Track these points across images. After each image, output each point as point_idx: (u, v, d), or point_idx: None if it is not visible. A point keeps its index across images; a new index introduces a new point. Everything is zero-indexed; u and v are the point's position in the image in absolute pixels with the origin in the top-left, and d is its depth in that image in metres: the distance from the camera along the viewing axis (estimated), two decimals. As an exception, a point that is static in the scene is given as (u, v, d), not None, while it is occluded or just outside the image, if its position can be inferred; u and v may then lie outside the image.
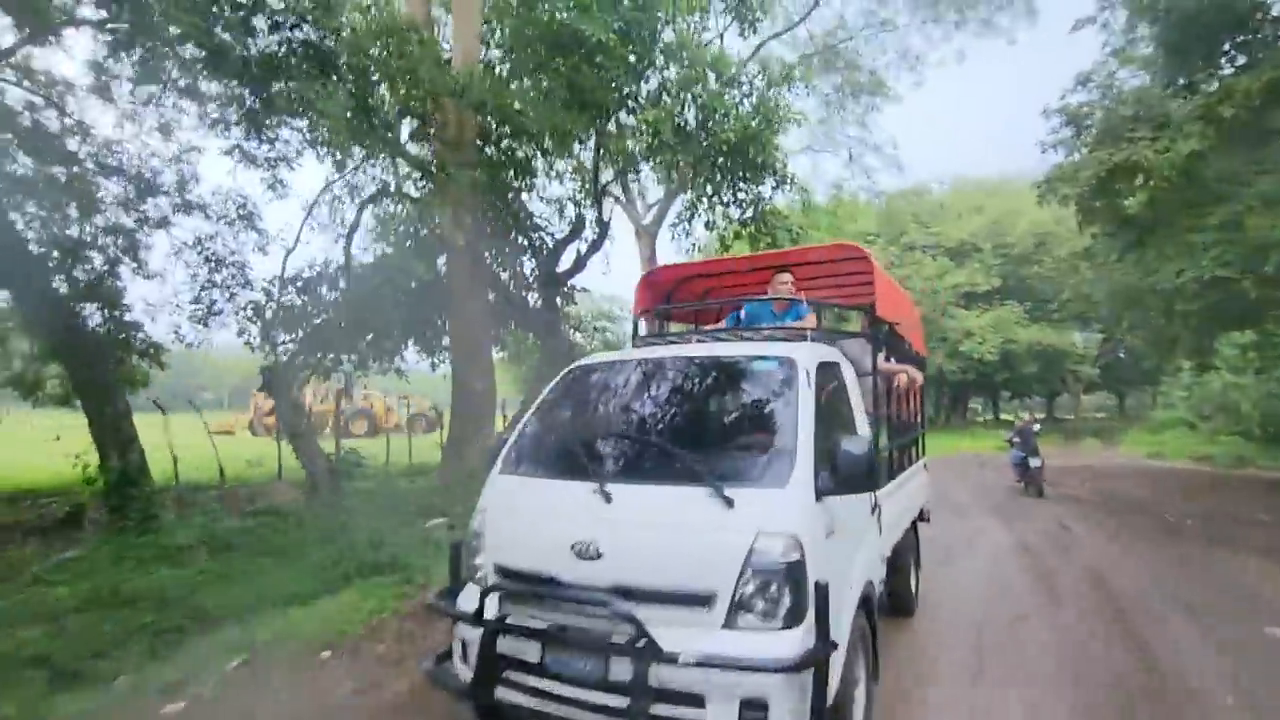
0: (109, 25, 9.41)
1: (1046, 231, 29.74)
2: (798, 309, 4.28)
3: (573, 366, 3.68)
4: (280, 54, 7.66)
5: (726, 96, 8.31)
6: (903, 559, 4.92)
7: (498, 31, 8.53)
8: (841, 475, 2.62)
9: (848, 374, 3.64)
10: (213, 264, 10.42)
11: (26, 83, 10.23)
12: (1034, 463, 11.90)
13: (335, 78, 8.05)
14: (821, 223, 29.03)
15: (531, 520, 2.85)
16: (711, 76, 8.40)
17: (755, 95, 8.52)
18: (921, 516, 5.96)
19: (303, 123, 8.84)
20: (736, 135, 8.00)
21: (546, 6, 7.95)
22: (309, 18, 7.13)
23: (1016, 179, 31.60)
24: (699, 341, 3.81)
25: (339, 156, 9.24)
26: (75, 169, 10.64)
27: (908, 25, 20.16)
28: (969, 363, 28.24)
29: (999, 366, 28.85)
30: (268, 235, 10.47)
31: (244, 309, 10.53)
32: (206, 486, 9.60)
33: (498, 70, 9.18)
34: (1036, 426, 12.61)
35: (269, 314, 11.35)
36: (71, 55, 10.71)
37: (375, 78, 8.58)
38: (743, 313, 4.60)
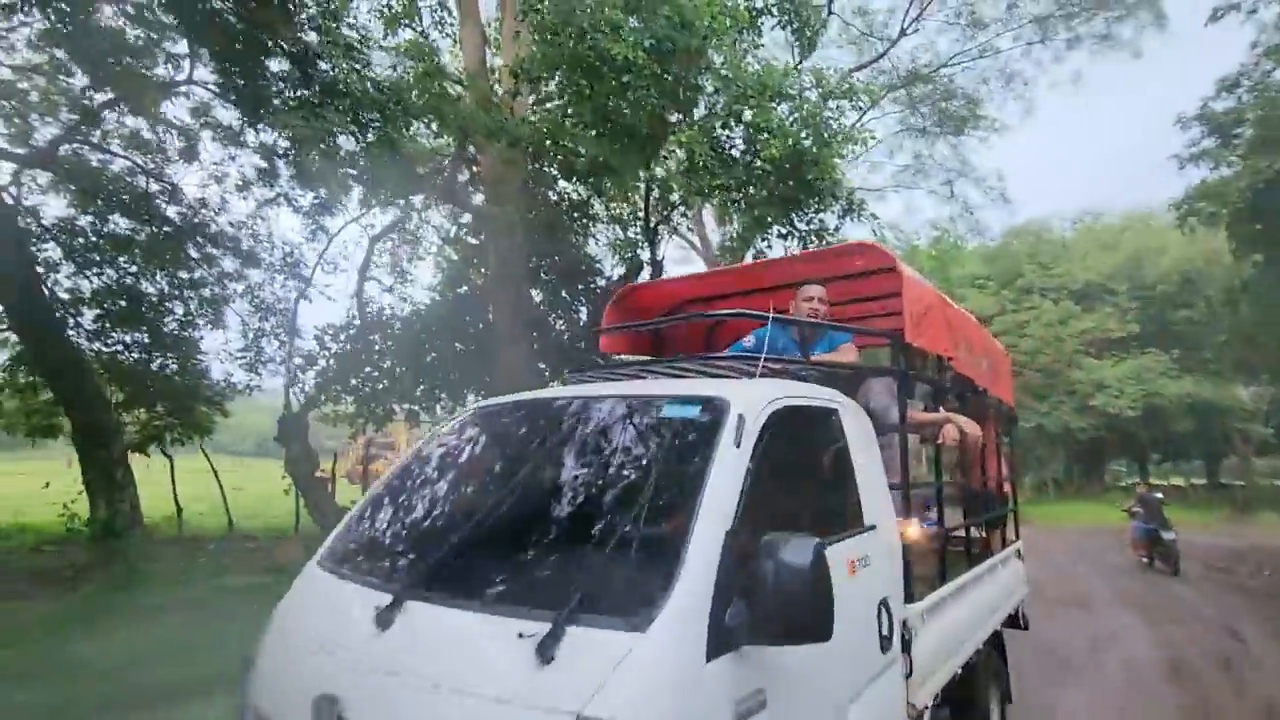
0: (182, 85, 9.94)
1: (1195, 268, 25.92)
2: (832, 337, 3.13)
3: (470, 410, 2.73)
4: (314, 101, 7.54)
5: (774, 112, 7.33)
6: (975, 693, 3.47)
7: (535, 62, 8.03)
8: (763, 610, 1.47)
9: (854, 429, 2.44)
10: (262, 312, 10.56)
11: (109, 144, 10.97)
12: (1167, 535, 10.41)
13: (363, 120, 7.88)
14: (924, 266, 26.97)
15: (301, 647, 1.87)
16: (758, 92, 7.45)
17: (806, 109, 7.46)
18: (1016, 622, 4.43)
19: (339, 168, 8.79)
20: (781, 152, 6.96)
21: (573, 30, 7.37)
22: (320, 53, 6.94)
23: (1155, 212, 28.15)
24: (637, 377, 2.73)
25: (353, 199, 9.05)
26: (167, 229, 11.26)
27: (1011, 50, 18.40)
28: (1103, 419, 24.58)
29: (1142, 424, 24.92)
30: (309, 282, 10.39)
31: (290, 357, 10.54)
32: (219, 538, 9.33)
33: (529, 102, 8.75)
34: (1159, 494, 11.46)
35: (322, 362, 11.34)
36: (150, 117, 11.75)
37: (404, 118, 8.33)
38: (748, 341, 3.43)
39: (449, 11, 12.28)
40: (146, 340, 11.30)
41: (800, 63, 10.49)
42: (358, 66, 7.28)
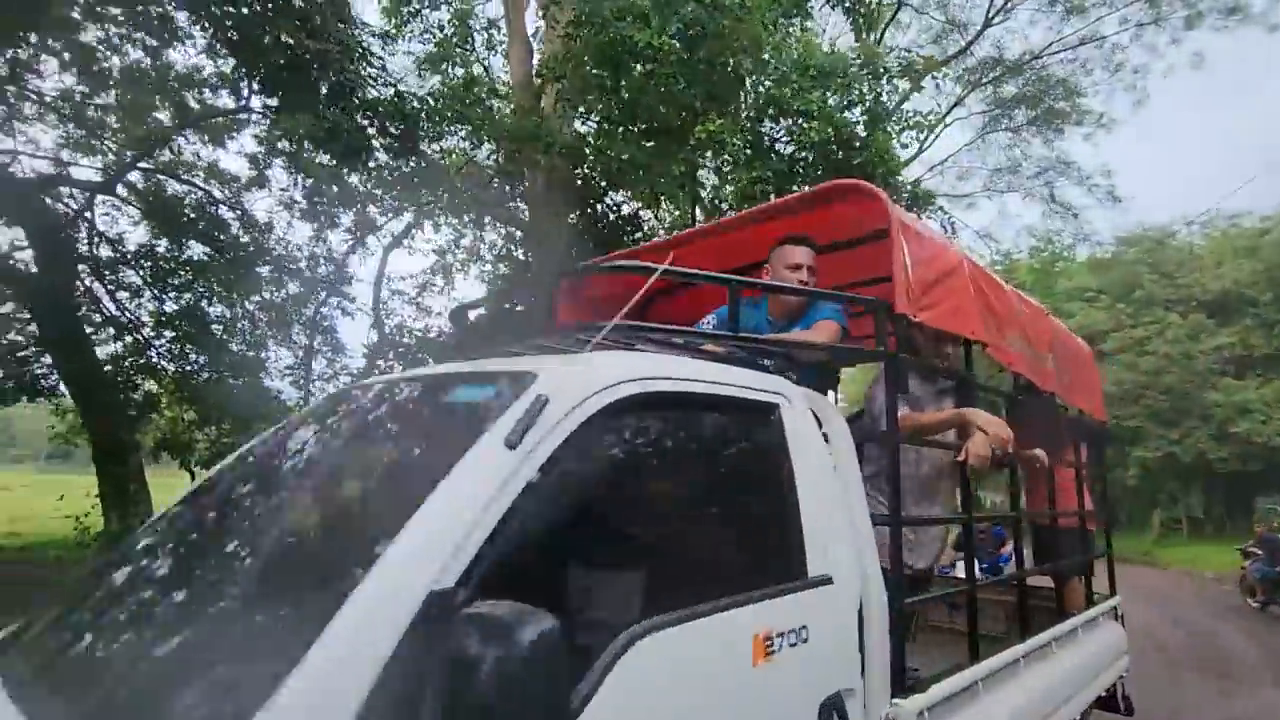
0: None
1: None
2: (813, 312, 2.36)
3: (331, 395, 2.15)
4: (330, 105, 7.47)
5: (815, 95, 6.52)
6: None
7: (557, 60, 7.65)
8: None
9: (802, 433, 1.67)
10: (309, 330, 10.68)
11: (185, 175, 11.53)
12: None
13: (390, 128, 7.75)
14: (1025, 280, 24.72)
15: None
16: (800, 73, 6.68)
17: (853, 87, 6.58)
18: (1113, 704, 3.38)
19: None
20: (822, 137, 6.12)
21: (594, 21, 6.90)
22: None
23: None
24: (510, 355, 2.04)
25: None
26: (235, 253, 11.72)
27: (1117, 34, 16.54)
28: (1248, 448, 21.33)
29: (1299, 454, 21.42)
30: (328, 291, 10.44)
31: (339, 375, 10.60)
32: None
33: (552, 101, 8.34)
34: None
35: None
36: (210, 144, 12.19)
37: (433, 125, 8.14)
38: (708, 323, 2.66)
39: (498, 29, 12.31)
40: (208, 360, 11.72)
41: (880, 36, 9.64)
42: (374, 71, 7.14)
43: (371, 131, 8.20)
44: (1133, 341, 23.74)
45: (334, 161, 8.41)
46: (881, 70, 7.01)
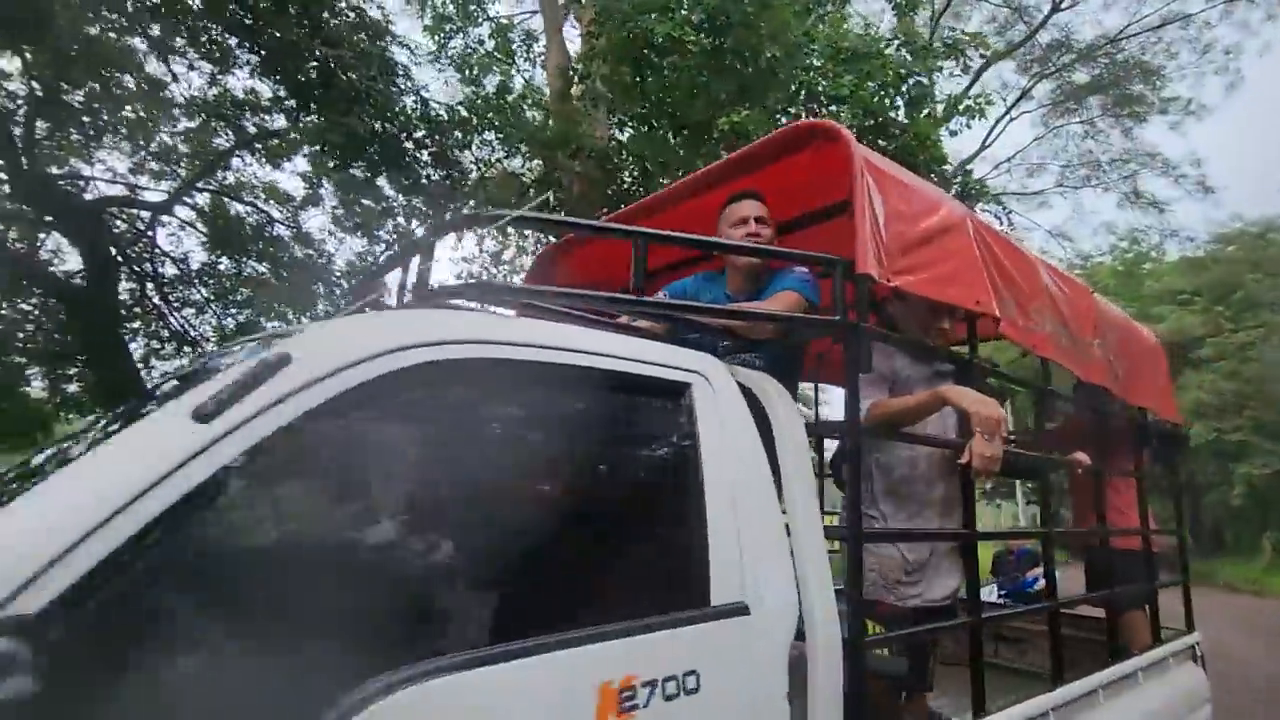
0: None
1: None
2: (776, 282, 1.99)
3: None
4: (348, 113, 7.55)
5: (846, 79, 6.06)
6: None
7: (580, 59, 7.52)
8: None
9: (718, 423, 1.32)
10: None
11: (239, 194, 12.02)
12: None
13: (418, 138, 7.78)
14: (1108, 284, 23.06)
15: None
16: (830, 56, 6.26)
17: (890, 70, 6.07)
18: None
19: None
20: (853, 123, 5.67)
21: (616, 17, 6.71)
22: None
23: None
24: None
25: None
26: (295, 270, 12.12)
27: (1205, 11, 15.19)
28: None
29: None
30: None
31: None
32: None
33: (579, 101, 8.17)
34: None
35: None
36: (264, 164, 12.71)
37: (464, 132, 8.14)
38: (663, 298, 2.30)
39: (537, 40, 12.38)
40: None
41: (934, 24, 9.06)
42: (397, 78, 7.16)
43: (408, 144, 8.27)
44: (1234, 347, 21.67)
45: (347, 167, 8.55)
46: (921, 48, 6.48)
